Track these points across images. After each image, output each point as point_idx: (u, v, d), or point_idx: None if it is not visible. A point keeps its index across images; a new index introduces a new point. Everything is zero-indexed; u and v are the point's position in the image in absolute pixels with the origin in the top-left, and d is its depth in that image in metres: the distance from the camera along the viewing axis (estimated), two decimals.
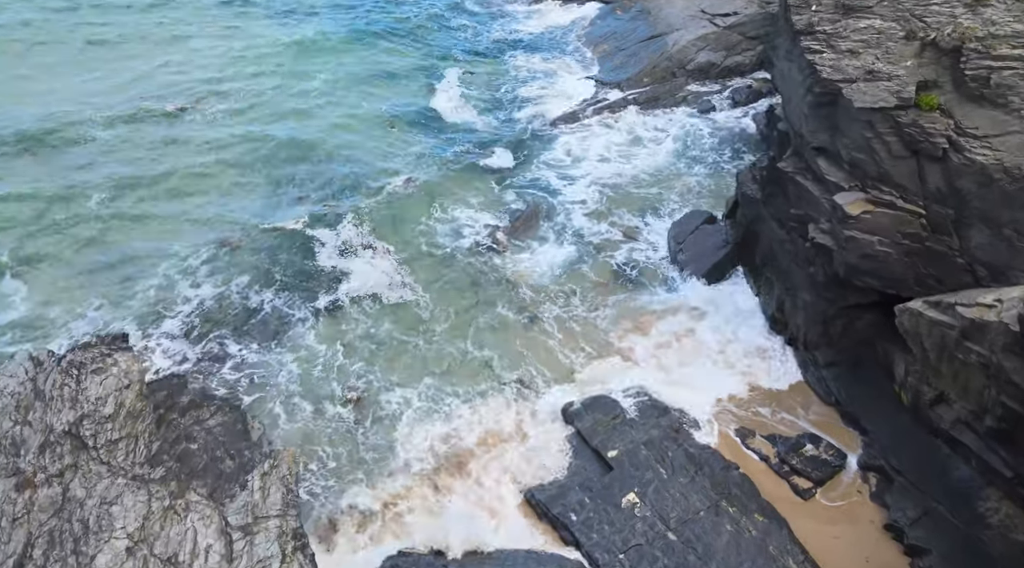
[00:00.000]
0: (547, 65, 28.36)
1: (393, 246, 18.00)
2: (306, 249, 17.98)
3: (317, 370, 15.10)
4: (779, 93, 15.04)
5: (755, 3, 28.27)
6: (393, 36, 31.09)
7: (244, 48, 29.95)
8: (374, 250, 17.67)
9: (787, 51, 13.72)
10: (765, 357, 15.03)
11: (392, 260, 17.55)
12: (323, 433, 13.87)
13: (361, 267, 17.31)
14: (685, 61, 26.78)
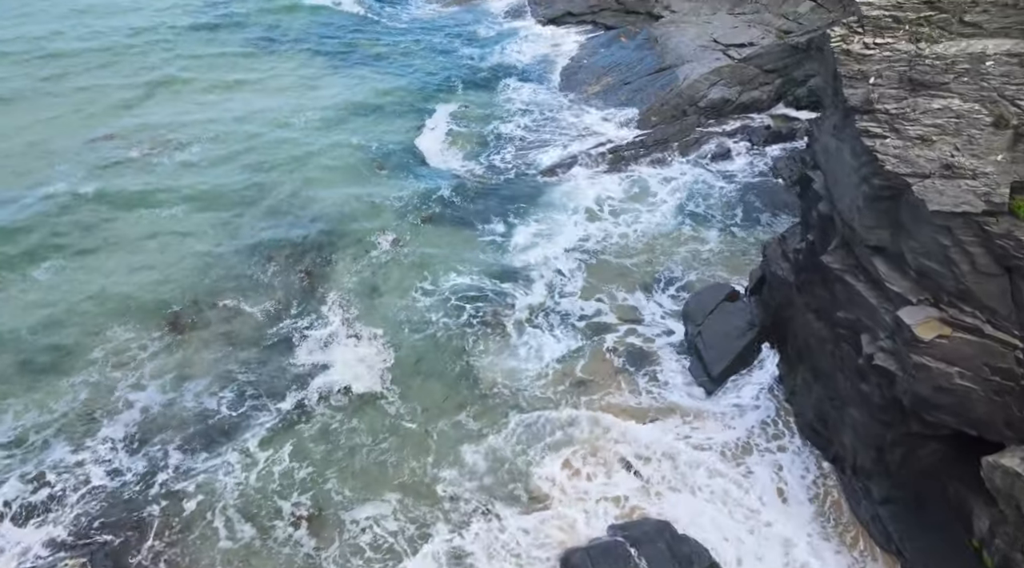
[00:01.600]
0: (545, 98, 26.04)
1: (377, 329, 15.64)
2: (274, 333, 15.69)
3: (273, 483, 12.80)
4: (820, 169, 12.74)
5: (772, 33, 26.03)
6: (381, 65, 28.78)
7: (218, 81, 27.71)
8: (358, 338, 15.34)
9: (836, 127, 11.42)
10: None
11: (373, 346, 15.21)
12: (273, 560, 11.62)
13: (338, 356, 15.00)
14: (696, 98, 24.49)
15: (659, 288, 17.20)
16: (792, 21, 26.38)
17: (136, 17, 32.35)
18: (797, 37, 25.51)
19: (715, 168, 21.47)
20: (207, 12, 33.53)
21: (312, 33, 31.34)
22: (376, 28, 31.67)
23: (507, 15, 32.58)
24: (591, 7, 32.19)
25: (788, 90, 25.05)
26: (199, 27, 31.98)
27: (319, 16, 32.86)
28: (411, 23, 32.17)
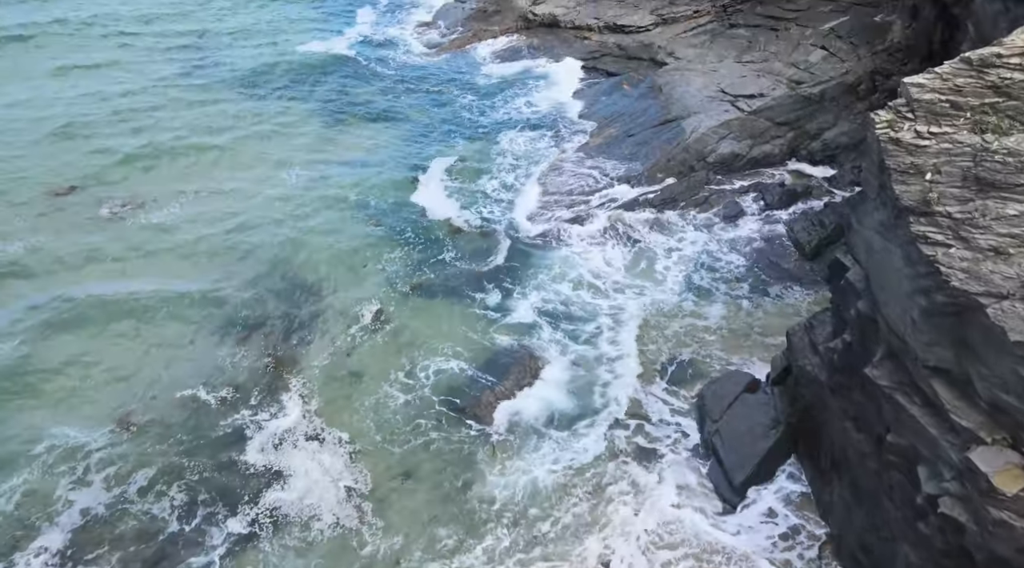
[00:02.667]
0: (546, 150, 24.61)
1: (343, 431, 13.88)
2: (232, 434, 13.94)
3: None
4: (860, 264, 11.15)
5: (782, 84, 24.71)
6: (373, 115, 27.42)
7: (200, 131, 26.33)
8: (320, 441, 13.58)
9: (883, 225, 9.84)
10: None
11: (338, 454, 13.44)
12: None
13: (297, 463, 13.22)
14: (705, 152, 23.08)
15: (667, 376, 15.51)
16: (803, 70, 25.09)
17: (116, 56, 31.15)
18: (809, 88, 24.20)
19: (726, 235, 19.90)
20: (192, 57, 32.33)
21: (303, 80, 30.06)
22: (368, 75, 30.40)
23: (501, 61, 31.33)
24: (591, 53, 31.01)
25: (801, 144, 23.66)
26: (182, 72, 30.74)
27: (310, 62, 31.62)
28: (404, 69, 30.93)
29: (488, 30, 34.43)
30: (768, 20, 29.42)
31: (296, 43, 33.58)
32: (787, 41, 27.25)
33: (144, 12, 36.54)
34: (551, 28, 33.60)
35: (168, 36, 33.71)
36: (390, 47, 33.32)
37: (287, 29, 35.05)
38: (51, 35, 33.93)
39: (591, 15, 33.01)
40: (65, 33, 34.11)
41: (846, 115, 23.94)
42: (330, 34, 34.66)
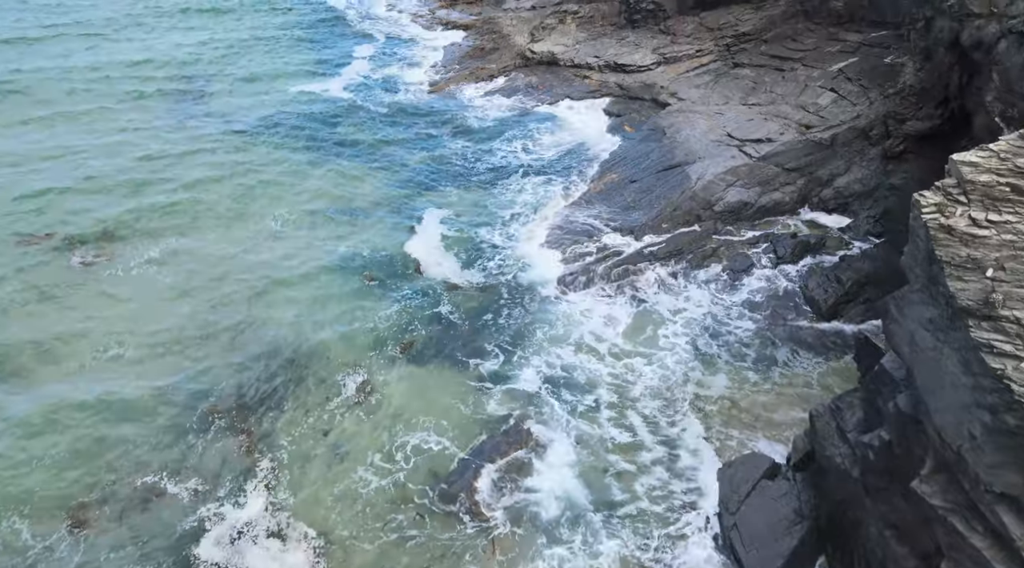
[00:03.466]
0: (545, 198, 23.44)
1: (310, 526, 12.42)
2: (190, 528, 12.49)
3: None
4: (901, 357, 9.86)
5: (792, 128, 23.70)
6: (367, 158, 26.34)
7: (183, 175, 25.24)
8: (282, 538, 12.13)
9: (933, 323, 8.57)
10: None
11: (306, 552, 11.99)
12: None
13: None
14: (712, 200, 21.95)
15: (677, 460, 14.12)
16: (813, 114, 24.11)
17: (104, 103, 30.17)
18: (820, 133, 23.17)
19: (734, 293, 18.65)
20: (183, 105, 31.34)
21: (295, 121, 29.03)
22: (363, 117, 29.41)
23: (499, 101, 30.38)
24: (591, 92, 30.11)
25: (813, 191, 22.53)
26: (173, 120, 29.69)
27: (304, 102, 30.67)
28: (399, 110, 29.97)
29: (486, 68, 33.60)
30: (773, 60, 28.58)
31: (292, 86, 32.63)
32: (794, 82, 26.33)
33: (134, 59, 35.54)
34: (550, 66, 32.78)
35: (159, 82, 32.71)
36: (386, 87, 32.41)
37: (284, 73, 34.08)
38: (39, 82, 33.06)
39: (591, 54, 32.21)
40: (52, 78, 33.21)
41: (859, 161, 22.87)
42: (327, 75, 33.77)
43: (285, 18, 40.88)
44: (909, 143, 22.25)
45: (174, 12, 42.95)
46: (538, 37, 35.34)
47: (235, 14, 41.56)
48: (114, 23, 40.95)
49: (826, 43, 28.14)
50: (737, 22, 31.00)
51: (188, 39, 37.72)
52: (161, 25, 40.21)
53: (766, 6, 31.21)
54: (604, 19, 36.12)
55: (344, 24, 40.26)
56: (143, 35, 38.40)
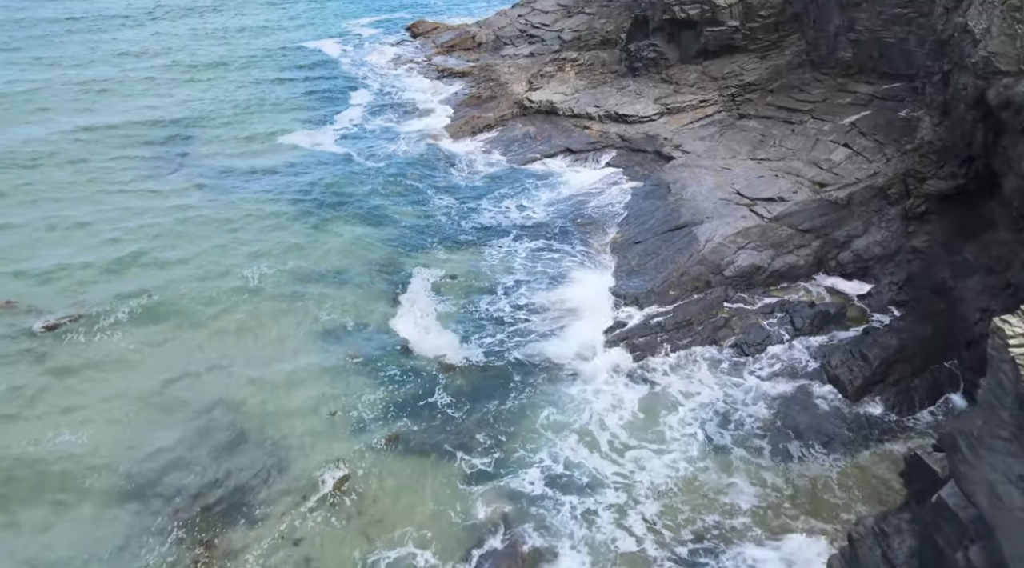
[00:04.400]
0: (543, 261, 22.07)
1: None
2: None
3: None
4: (968, 498, 8.31)
5: (805, 186, 22.43)
6: (354, 217, 25.03)
7: (162, 231, 23.93)
8: None
9: (1014, 474, 7.03)
10: None
11: None
12: None
13: None
14: (722, 264, 20.55)
15: None
16: (827, 171, 22.86)
17: (81, 154, 29.05)
18: (835, 191, 21.89)
19: (749, 373, 17.07)
20: (165, 154, 30.26)
21: (280, 177, 27.81)
22: (352, 169, 28.24)
23: (495, 153, 29.25)
24: (592, 144, 29.00)
25: (829, 254, 21.14)
26: (149, 171, 28.62)
27: (293, 156, 29.51)
28: (389, 162, 28.78)
29: (482, 117, 32.59)
30: (781, 112, 27.50)
31: (282, 138, 31.58)
32: (804, 136, 25.16)
33: (118, 111, 34.52)
34: (549, 116, 31.74)
35: (142, 136, 31.59)
36: (378, 137, 31.34)
37: (274, 124, 33.04)
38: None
39: (591, 103, 31.22)
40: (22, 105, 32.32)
41: (877, 221, 21.53)
42: (318, 126, 32.73)
43: (277, 66, 40.09)
44: (931, 203, 20.94)
45: (159, 56, 42.30)
46: (536, 85, 34.44)
47: (225, 63, 40.76)
48: (93, 73, 40.26)
49: (836, 94, 27.09)
50: (742, 71, 30.05)
51: (176, 90, 36.84)
52: (146, 74, 39.38)
53: (771, 56, 30.29)
54: (604, 67, 35.28)
55: (338, 72, 39.44)
56: (127, 88, 37.53)
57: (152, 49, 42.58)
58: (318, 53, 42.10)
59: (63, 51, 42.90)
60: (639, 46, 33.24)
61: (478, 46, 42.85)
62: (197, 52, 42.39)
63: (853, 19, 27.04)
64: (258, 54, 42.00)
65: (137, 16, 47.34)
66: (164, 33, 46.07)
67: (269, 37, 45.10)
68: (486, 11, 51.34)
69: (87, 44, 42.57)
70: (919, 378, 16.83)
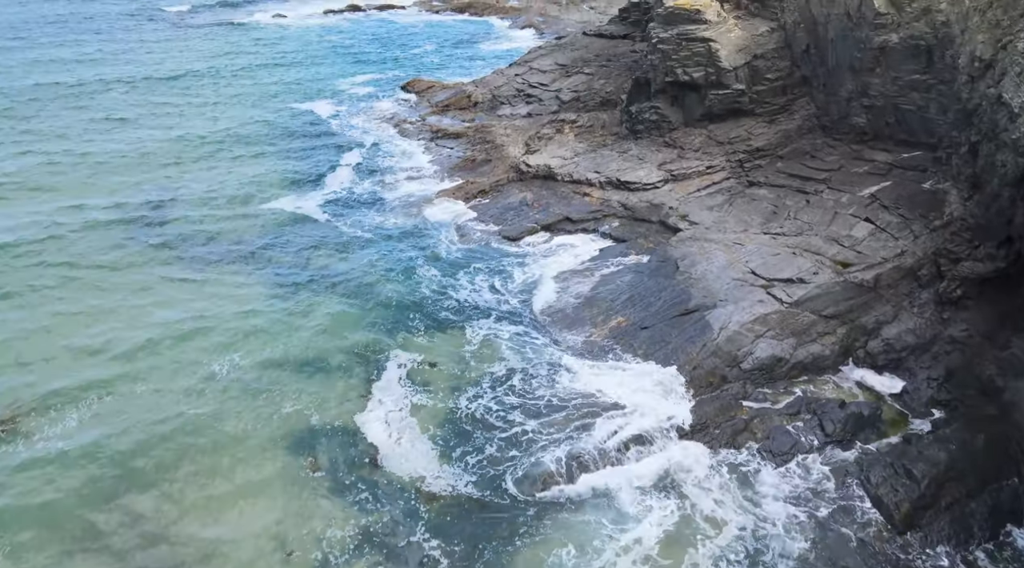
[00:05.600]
0: (535, 350, 19.86)
1: None
2: None
3: None
4: None
5: (826, 266, 20.51)
6: (331, 290, 23.00)
7: (126, 309, 21.92)
8: None
9: None
10: None
11: None
12: None
13: None
14: (739, 356, 18.47)
15: None
16: (849, 248, 20.99)
17: (52, 232, 27.25)
18: (860, 272, 19.96)
19: (777, 496, 14.78)
20: (134, 210, 28.63)
21: (264, 247, 25.85)
22: (334, 239, 26.36)
23: (488, 223, 27.42)
24: (592, 213, 27.25)
25: (857, 342, 19.08)
26: (116, 231, 26.89)
27: (276, 224, 27.61)
28: (375, 233, 26.89)
29: (476, 182, 30.97)
30: (793, 180, 25.82)
31: (263, 203, 29.77)
32: (821, 208, 23.40)
33: (92, 173, 33.10)
34: (546, 181, 30.09)
35: (111, 200, 29.95)
36: (365, 204, 29.61)
37: (256, 187, 31.23)
38: None
39: (591, 168, 29.62)
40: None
41: (908, 307, 19.55)
42: (303, 190, 30.95)
43: (266, 128, 38.54)
44: (968, 287, 18.99)
45: (145, 118, 41.05)
46: (534, 148, 32.95)
47: (213, 124, 39.31)
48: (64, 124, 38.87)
49: (851, 162, 25.48)
50: (749, 136, 28.55)
51: (161, 152, 35.29)
52: (131, 138, 37.91)
53: (780, 120, 28.85)
54: (604, 129, 33.88)
55: (329, 133, 38.01)
56: (99, 144, 36.10)
57: (138, 112, 41.33)
58: (309, 114, 40.82)
59: (50, 119, 41.79)
60: (641, 108, 31.89)
61: (474, 105, 41.69)
62: (184, 114, 40.98)
63: (866, 84, 25.64)
64: (247, 116, 40.59)
65: (128, 81, 46.27)
66: (154, 93, 44.99)
67: (260, 99, 43.83)
68: (483, 69, 50.56)
69: (73, 108, 41.35)
70: (975, 501, 14.56)
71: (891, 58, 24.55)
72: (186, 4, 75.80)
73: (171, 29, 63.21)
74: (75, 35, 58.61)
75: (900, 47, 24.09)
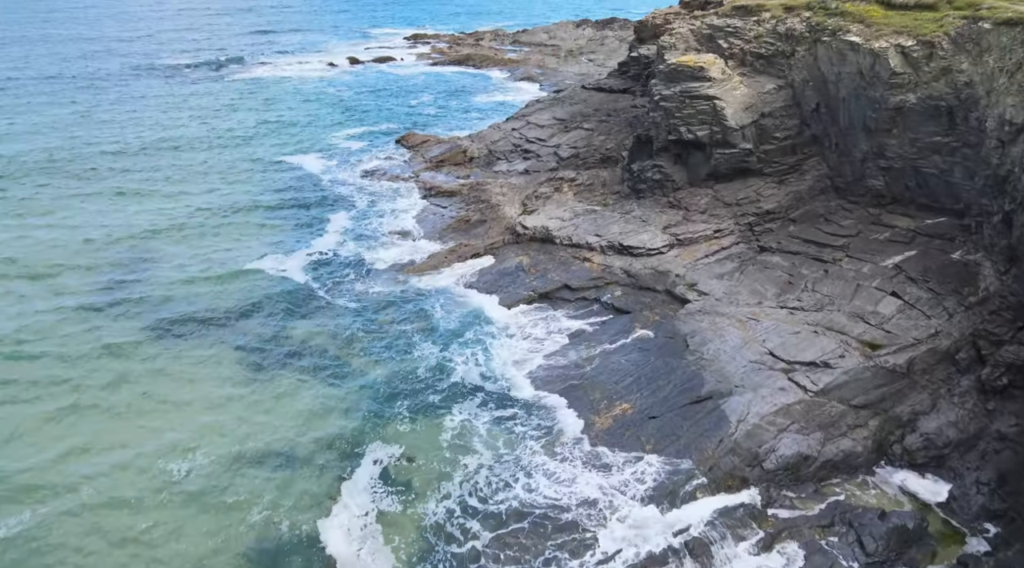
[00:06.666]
0: (529, 443, 17.78)
1: None
2: None
3: None
4: None
5: (853, 347, 18.57)
6: (308, 370, 20.99)
7: (85, 385, 19.91)
8: None
9: None
10: None
11: None
12: None
13: None
14: (761, 453, 16.38)
15: None
16: (876, 327, 19.11)
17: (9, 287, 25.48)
18: (891, 355, 18.02)
19: None
20: (107, 273, 26.94)
21: (236, 314, 24.12)
22: (315, 307, 24.58)
23: (479, 291, 25.58)
24: (593, 280, 25.45)
25: (892, 436, 17.02)
26: (83, 296, 25.02)
27: (256, 290, 25.86)
28: (361, 301, 25.16)
29: (469, 245, 29.29)
30: (808, 246, 24.10)
31: (247, 262, 28.17)
32: (841, 279, 21.60)
33: (59, 231, 31.61)
34: (544, 244, 28.39)
35: (85, 263, 28.31)
36: (351, 268, 27.88)
37: (242, 244, 29.75)
38: None
39: (591, 231, 27.95)
40: None
41: (947, 395, 17.56)
42: (288, 251, 29.35)
43: (253, 184, 37.18)
44: (1014, 374, 17.04)
45: (129, 172, 39.72)
46: (531, 207, 31.41)
47: (199, 180, 37.82)
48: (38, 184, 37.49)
49: (869, 227, 23.80)
50: (758, 197, 26.97)
51: (140, 210, 33.71)
52: (113, 192, 36.41)
53: (790, 180, 27.34)
54: (605, 187, 32.41)
55: (318, 190, 36.60)
56: (80, 202, 34.55)
57: (124, 166, 40.03)
58: (298, 169, 39.50)
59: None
60: (643, 166, 30.44)
61: (470, 161, 40.38)
62: (172, 168, 39.67)
63: (882, 145, 24.17)
64: (235, 171, 39.29)
65: (120, 145, 44.97)
66: (144, 145, 43.82)
67: (249, 152, 42.64)
68: (480, 122, 49.64)
69: (63, 176, 39.98)
70: None
71: (909, 119, 23.13)
72: (187, 58, 75.70)
73: (171, 85, 62.54)
74: (71, 94, 57.68)
75: (919, 108, 22.68)
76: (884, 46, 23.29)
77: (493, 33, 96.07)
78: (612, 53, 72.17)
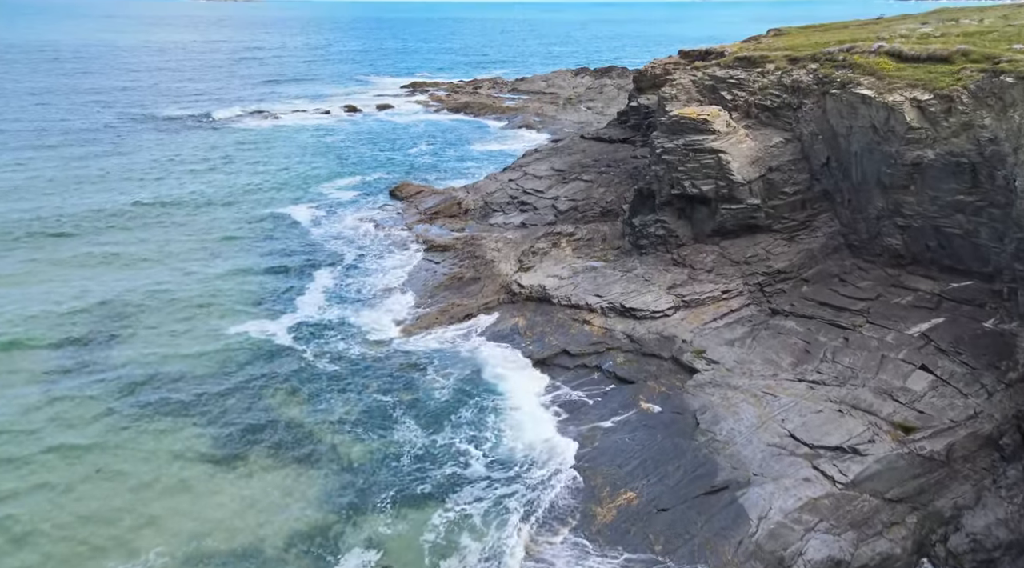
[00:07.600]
0: (523, 537, 15.91)
1: None
2: None
3: None
4: None
5: (883, 430, 16.70)
6: (288, 455, 19.06)
7: (38, 475, 17.99)
8: None
9: None
10: None
11: None
12: None
13: None
14: (786, 558, 14.41)
15: None
16: (907, 406, 17.33)
17: None
18: (927, 441, 16.19)
19: None
20: (77, 335, 25.26)
21: (217, 391, 22.06)
22: (298, 380, 22.72)
23: (472, 358, 23.82)
24: (593, 345, 23.74)
25: (933, 534, 15.08)
26: (50, 360, 23.25)
27: (236, 356, 23.99)
28: (348, 368, 23.36)
29: (462, 304, 27.67)
30: (824, 309, 22.46)
31: (228, 325, 26.45)
32: (864, 349, 19.90)
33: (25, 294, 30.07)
34: (541, 304, 26.75)
35: (60, 312, 26.78)
36: (338, 331, 26.19)
37: (224, 305, 28.02)
38: None
39: (591, 291, 26.35)
40: None
41: (993, 488, 15.66)
42: (274, 312, 27.65)
43: (238, 238, 35.71)
44: None
45: (107, 222, 38.39)
46: (527, 264, 29.90)
47: (180, 232, 36.51)
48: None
49: (889, 290, 22.22)
50: (768, 255, 25.47)
51: (117, 264, 32.34)
52: (88, 244, 35.09)
53: (801, 237, 25.88)
54: (605, 242, 30.97)
55: (306, 245, 35.16)
56: (52, 267, 32.88)
57: (106, 225, 38.61)
58: (286, 220, 38.22)
59: None
60: (645, 221, 29.06)
61: (465, 213, 39.11)
62: (158, 227, 38.14)
63: (899, 202, 22.77)
64: (218, 224, 37.87)
65: (104, 203, 43.66)
66: (130, 203, 42.49)
67: (240, 206, 41.33)
68: (477, 171, 48.67)
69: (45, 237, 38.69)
70: None
71: (928, 175, 21.78)
72: (185, 109, 75.33)
73: (165, 137, 61.73)
74: (62, 149, 56.61)
75: (939, 164, 21.35)
76: (899, 99, 22.10)
77: (492, 81, 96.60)
78: (611, 101, 71.98)
